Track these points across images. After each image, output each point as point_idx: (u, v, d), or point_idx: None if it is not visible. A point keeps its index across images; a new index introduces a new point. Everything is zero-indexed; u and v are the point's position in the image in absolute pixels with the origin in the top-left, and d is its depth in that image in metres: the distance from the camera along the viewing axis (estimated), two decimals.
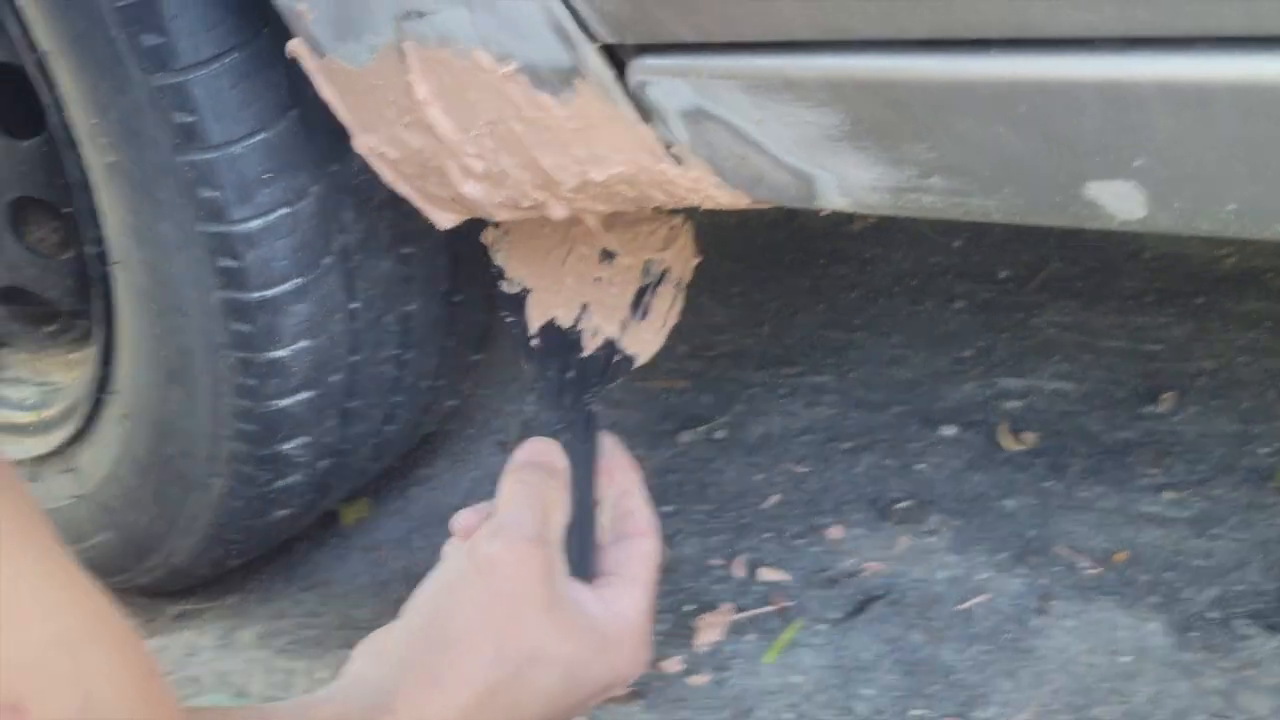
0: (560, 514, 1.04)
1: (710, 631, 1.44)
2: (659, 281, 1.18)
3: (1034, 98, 0.76)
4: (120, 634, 0.60)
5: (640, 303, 1.17)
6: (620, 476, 1.13)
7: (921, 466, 1.67)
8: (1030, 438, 1.68)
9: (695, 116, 0.89)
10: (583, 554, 1.06)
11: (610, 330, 1.17)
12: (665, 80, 0.88)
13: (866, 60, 0.81)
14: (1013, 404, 1.76)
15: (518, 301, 1.21)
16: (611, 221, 1.15)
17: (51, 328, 1.60)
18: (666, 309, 1.19)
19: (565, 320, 1.18)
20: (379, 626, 1.53)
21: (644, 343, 1.18)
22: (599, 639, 0.99)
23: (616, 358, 1.18)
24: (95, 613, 0.59)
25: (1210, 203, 0.77)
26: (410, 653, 0.96)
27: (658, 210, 1.13)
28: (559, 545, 1.02)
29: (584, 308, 1.18)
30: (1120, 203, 0.79)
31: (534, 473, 1.06)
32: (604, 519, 1.11)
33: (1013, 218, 0.85)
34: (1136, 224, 0.80)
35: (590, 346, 1.17)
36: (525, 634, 0.96)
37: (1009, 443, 1.68)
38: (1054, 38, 0.74)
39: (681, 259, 1.19)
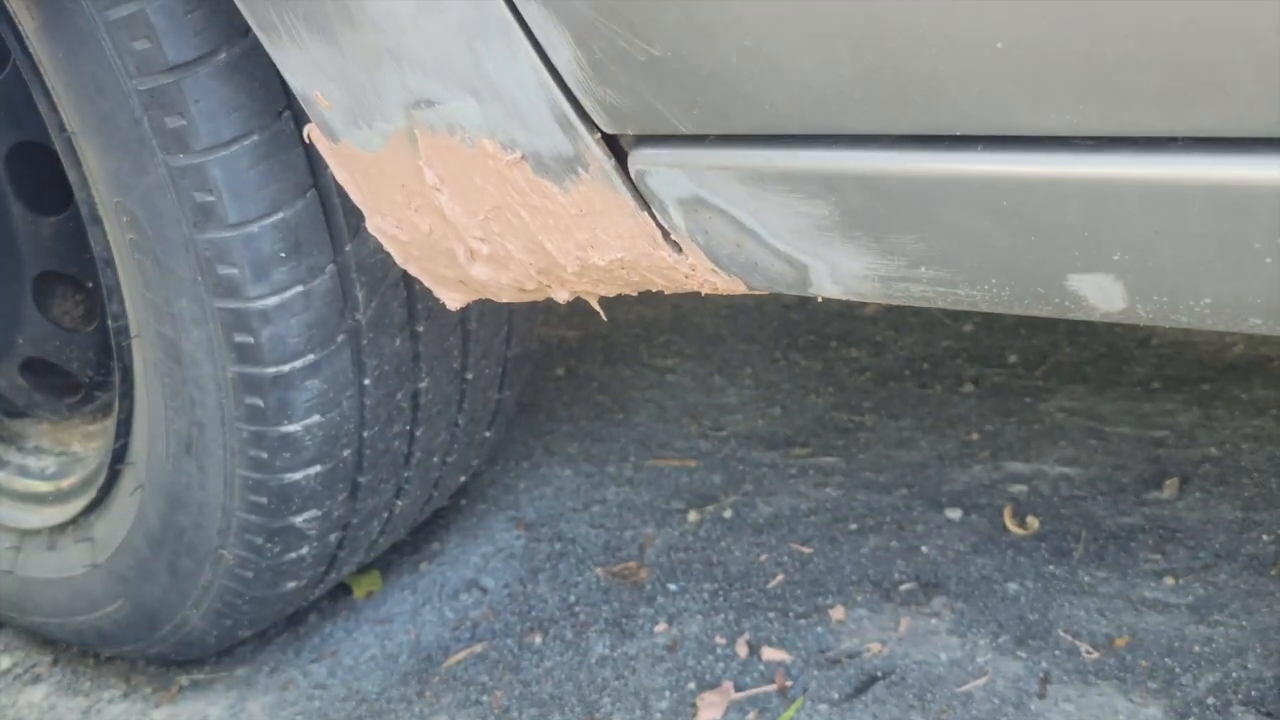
0: None
1: (711, 710, 1.45)
2: None
3: (1017, 193, 0.79)
4: None
5: None
6: None
7: (926, 549, 1.68)
8: (1034, 522, 1.69)
9: (693, 205, 0.91)
10: None
11: None
12: (664, 170, 0.91)
13: (856, 154, 0.83)
14: (1018, 488, 1.77)
15: None
16: None
17: (73, 399, 1.63)
18: None
19: None
20: (385, 698, 1.55)
21: None
22: None
23: None
24: None
25: (1187, 297, 0.79)
26: None
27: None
28: None
29: None
30: (1101, 295, 0.81)
31: None
32: None
33: (999, 307, 0.87)
34: (1117, 315, 0.82)
35: None
36: None
37: (1013, 527, 1.69)
38: (1037, 136, 0.77)
39: None
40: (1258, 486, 1.69)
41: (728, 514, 1.82)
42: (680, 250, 0.96)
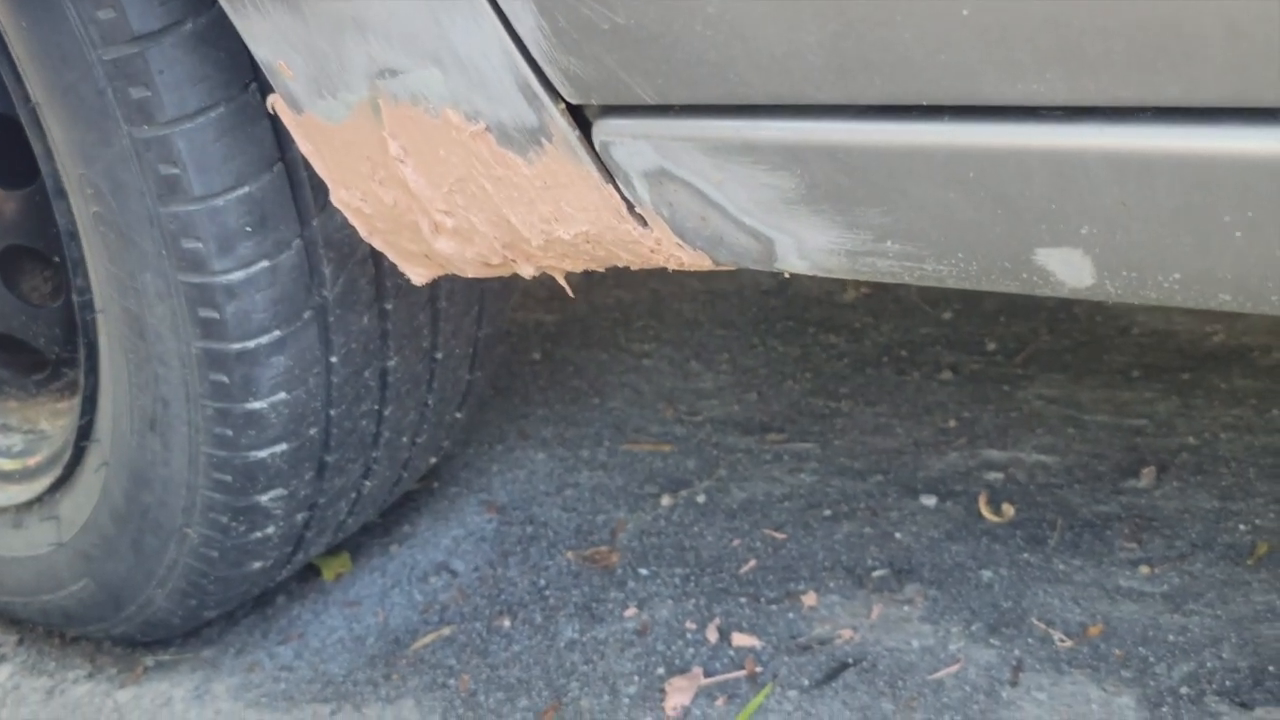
0: None
1: (679, 695, 1.43)
2: None
3: (983, 164, 0.78)
4: None
5: None
6: None
7: (900, 535, 1.67)
8: (1010, 509, 1.68)
9: (657, 177, 0.90)
10: None
11: None
12: (628, 141, 0.89)
13: (822, 125, 0.82)
14: (994, 475, 1.76)
15: None
16: None
17: (41, 376, 1.61)
18: None
19: None
20: (351, 680, 1.54)
21: None
22: None
23: None
24: None
25: (1156, 272, 0.78)
26: None
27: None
28: None
29: None
30: (1069, 270, 0.80)
31: None
32: None
33: (966, 283, 0.86)
34: (1085, 291, 0.81)
35: None
36: None
37: (989, 514, 1.68)
38: (1004, 105, 0.76)
39: None
40: (1235, 476, 1.68)
41: (701, 499, 1.81)
42: (645, 224, 0.95)
